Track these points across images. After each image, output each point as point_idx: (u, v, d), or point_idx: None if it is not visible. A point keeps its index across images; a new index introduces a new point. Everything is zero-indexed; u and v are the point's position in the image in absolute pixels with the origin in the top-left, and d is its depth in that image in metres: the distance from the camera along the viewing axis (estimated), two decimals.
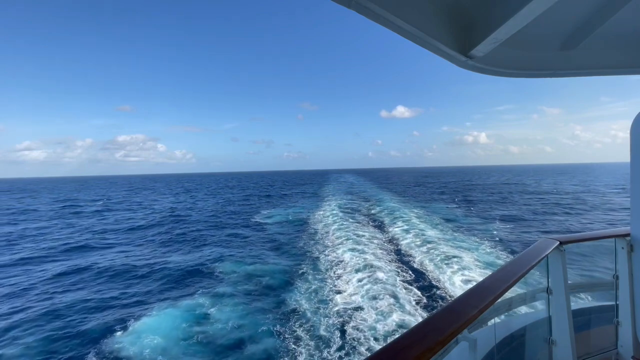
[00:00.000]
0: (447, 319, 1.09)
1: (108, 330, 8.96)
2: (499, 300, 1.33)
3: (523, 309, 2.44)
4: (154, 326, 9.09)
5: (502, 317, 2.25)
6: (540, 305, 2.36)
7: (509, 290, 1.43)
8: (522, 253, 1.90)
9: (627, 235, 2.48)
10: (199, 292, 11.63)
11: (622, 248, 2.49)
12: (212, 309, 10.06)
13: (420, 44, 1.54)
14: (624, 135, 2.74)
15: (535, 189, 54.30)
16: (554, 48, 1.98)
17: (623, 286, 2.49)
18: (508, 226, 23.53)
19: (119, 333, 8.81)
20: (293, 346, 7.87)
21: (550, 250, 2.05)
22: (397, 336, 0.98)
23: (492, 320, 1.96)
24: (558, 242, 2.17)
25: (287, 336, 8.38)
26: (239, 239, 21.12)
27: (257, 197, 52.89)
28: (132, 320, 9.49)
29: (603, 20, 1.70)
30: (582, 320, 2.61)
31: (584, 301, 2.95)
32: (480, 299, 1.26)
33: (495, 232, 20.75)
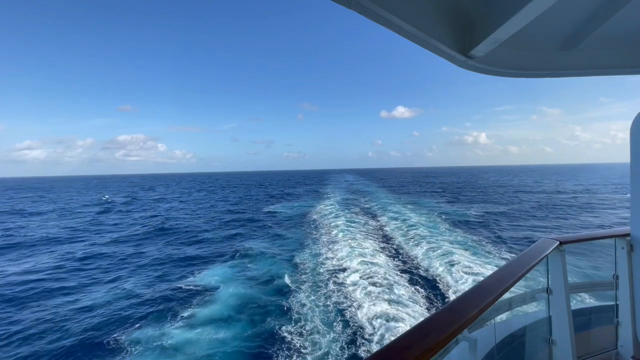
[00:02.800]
0: (447, 319, 1.09)
1: (183, 276, 14.27)
2: (499, 300, 1.33)
3: (523, 309, 2.43)
4: (211, 273, 14.41)
5: (502, 317, 2.25)
6: (540, 305, 2.36)
7: (509, 290, 1.43)
8: (522, 253, 1.90)
9: (627, 235, 2.48)
10: (237, 255, 17.11)
11: (622, 248, 2.49)
12: (248, 264, 15.55)
13: (420, 44, 1.54)
14: (624, 135, 2.74)
15: (532, 188, 55.67)
16: (554, 48, 1.97)
17: (623, 286, 2.49)
18: (480, 213, 27.61)
19: (191, 278, 13.97)
20: (301, 285, 12.38)
21: (550, 250, 2.04)
22: (397, 336, 0.98)
23: (492, 320, 1.96)
24: (558, 242, 2.17)
25: (298, 278, 13.23)
26: (257, 224, 26.84)
27: (262, 194, 57.97)
28: (196, 272, 14.78)
29: (603, 20, 1.70)
30: (582, 320, 2.61)
31: (584, 301, 2.95)
32: (481, 298, 1.26)
33: (469, 220, 25.03)
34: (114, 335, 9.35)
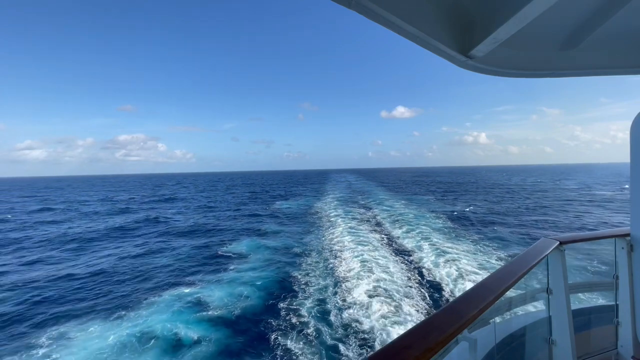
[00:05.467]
0: (448, 319, 1.09)
1: (218, 248, 19.58)
2: (499, 300, 1.33)
3: (523, 309, 2.43)
4: (239, 246, 19.74)
5: (502, 317, 2.25)
6: (540, 305, 2.35)
7: (509, 290, 1.43)
8: (523, 253, 1.89)
9: (627, 235, 2.48)
10: (253, 236, 22.77)
11: (622, 248, 2.49)
12: (265, 241, 20.69)
13: (420, 44, 1.54)
14: (624, 135, 2.74)
15: (530, 187, 57.05)
16: (554, 48, 1.97)
17: (623, 286, 2.49)
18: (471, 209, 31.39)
19: (224, 248, 19.35)
20: (308, 256, 16.78)
21: (550, 250, 2.04)
22: (397, 336, 0.99)
23: (492, 320, 1.96)
24: (558, 242, 2.17)
25: (306, 251, 17.70)
26: (269, 216, 31.75)
27: (265, 192, 62.98)
28: (227, 244, 20.47)
29: (603, 20, 1.69)
30: (582, 320, 2.61)
31: (584, 301, 2.94)
32: (481, 298, 1.26)
33: (455, 212, 28.86)
34: (187, 278, 14.35)
